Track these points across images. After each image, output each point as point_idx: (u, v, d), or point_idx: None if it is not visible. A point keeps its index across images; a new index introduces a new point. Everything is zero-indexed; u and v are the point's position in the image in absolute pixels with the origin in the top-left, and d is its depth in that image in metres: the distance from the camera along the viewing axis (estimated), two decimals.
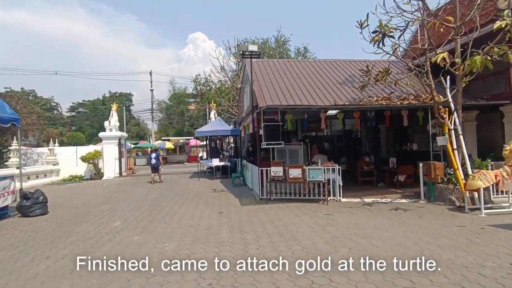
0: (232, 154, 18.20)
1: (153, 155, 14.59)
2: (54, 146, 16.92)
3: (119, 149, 17.26)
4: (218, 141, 18.94)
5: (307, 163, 9.90)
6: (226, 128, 15.67)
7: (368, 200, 8.30)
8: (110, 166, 17.07)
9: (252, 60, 11.04)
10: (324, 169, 8.23)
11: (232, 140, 19.49)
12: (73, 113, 56.70)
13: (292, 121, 9.80)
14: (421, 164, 8.09)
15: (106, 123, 17.46)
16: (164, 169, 19.08)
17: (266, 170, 8.67)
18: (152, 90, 36.44)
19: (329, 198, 8.26)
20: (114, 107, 18.03)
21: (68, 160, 17.19)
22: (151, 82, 36.32)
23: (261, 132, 8.97)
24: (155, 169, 14.33)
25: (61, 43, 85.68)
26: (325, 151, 12.59)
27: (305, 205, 7.94)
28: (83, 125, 52.53)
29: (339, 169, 8.41)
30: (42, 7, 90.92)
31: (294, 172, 8.27)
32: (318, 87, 9.33)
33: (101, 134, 17.43)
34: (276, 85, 9.21)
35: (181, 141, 32.55)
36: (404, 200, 8.14)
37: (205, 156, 23.31)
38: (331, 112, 12.06)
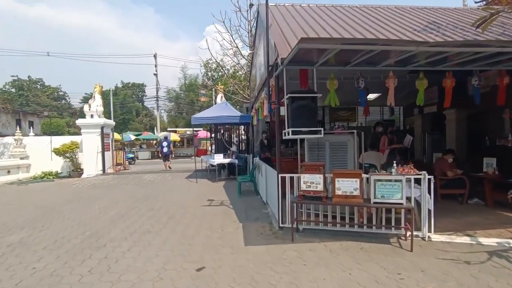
0: (242, 149, 14.35)
1: (165, 143, 15.57)
2: (21, 135, 13.60)
3: (101, 140, 13.79)
4: (225, 132, 15.07)
5: (358, 167, 5.96)
6: (233, 114, 11.55)
7: (486, 241, 4.29)
8: (91, 161, 13.66)
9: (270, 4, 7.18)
10: (403, 181, 4.28)
11: (243, 131, 15.61)
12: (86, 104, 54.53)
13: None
14: None
15: (85, 107, 13.96)
16: (162, 166, 16.01)
17: (291, 178, 4.86)
18: (156, 75, 32.96)
19: (407, 234, 4.36)
20: (97, 88, 14.42)
21: (42, 153, 13.93)
22: (155, 66, 32.87)
23: (283, 111, 5.09)
24: (166, 157, 15.44)
25: (80, 35, 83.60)
26: (403, 149, 7.93)
27: (367, 249, 4.08)
28: None
29: (429, 179, 4.44)
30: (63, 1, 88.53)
31: (345, 185, 4.39)
32: (382, 34, 5.30)
33: (79, 121, 13.94)
34: (308, 28, 5.24)
35: (188, 132, 28.87)
36: None
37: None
38: (370, 96, 9.29)
